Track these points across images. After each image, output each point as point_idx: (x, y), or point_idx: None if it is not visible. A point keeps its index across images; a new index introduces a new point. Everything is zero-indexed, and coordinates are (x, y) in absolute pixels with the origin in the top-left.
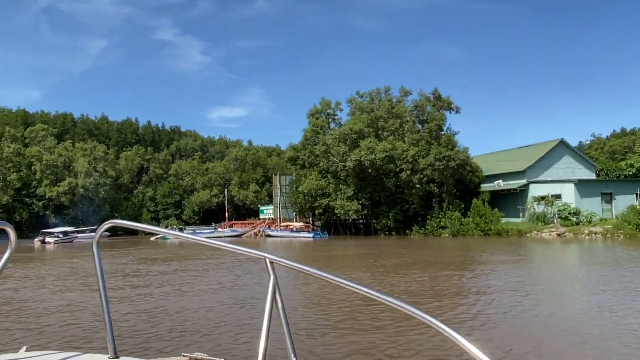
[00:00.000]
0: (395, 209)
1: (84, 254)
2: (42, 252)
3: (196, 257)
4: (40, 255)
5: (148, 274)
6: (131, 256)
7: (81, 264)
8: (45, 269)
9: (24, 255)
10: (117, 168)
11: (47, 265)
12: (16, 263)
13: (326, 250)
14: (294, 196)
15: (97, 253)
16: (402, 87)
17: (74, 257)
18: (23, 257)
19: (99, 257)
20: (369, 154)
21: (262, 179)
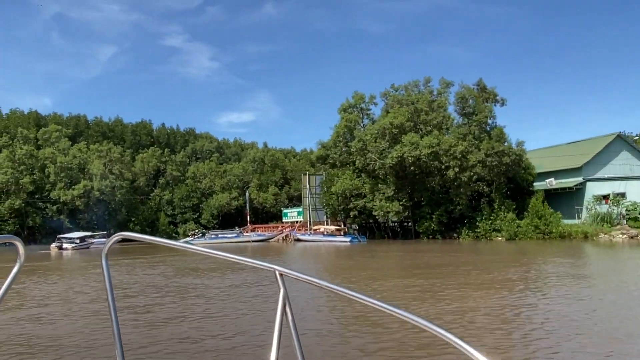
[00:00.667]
0: (439, 210)
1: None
2: (60, 259)
3: (233, 265)
4: (60, 264)
5: (207, 290)
6: (164, 264)
7: (115, 275)
8: (69, 283)
9: (41, 265)
10: (133, 171)
11: (70, 278)
12: (34, 275)
13: (371, 258)
14: (326, 197)
15: (106, 266)
16: (443, 79)
17: (97, 267)
18: (40, 268)
19: (107, 270)
20: (412, 150)
21: (281, 181)
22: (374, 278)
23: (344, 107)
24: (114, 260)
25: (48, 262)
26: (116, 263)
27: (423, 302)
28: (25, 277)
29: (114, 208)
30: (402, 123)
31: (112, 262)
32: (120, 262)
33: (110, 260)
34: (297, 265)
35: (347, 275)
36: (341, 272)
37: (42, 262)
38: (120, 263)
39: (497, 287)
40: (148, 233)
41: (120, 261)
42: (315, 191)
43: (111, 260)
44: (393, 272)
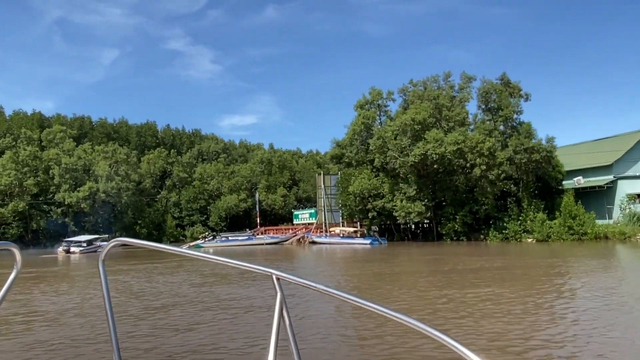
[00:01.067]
0: (463, 210)
1: (120, 266)
2: (68, 264)
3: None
4: (69, 270)
5: (253, 303)
6: (185, 270)
7: (134, 284)
8: (83, 293)
9: (49, 271)
10: (139, 172)
11: (83, 287)
12: (43, 284)
13: (396, 262)
14: (342, 198)
15: (103, 272)
16: (464, 73)
17: (111, 273)
18: (48, 274)
19: (105, 276)
20: (436, 147)
21: (290, 182)
22: (414, 288)
23: (360, 104)
24: (128, 266)
25: (56, 267)
26: (131, 269)
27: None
28: (32, 284)
29: (119, 210)
30: (425, 119)
31: (127, 268)
32: (136, 267)
33: (124, 265)
34: (313, 272)
35: (380, 290)
36: (366, 282)
37: (50, 268)
38: (136, 269)
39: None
40: (155, 236)
41: (135, 266)
42: (331, 192)
43: (125, 265)
44: (431, 279)
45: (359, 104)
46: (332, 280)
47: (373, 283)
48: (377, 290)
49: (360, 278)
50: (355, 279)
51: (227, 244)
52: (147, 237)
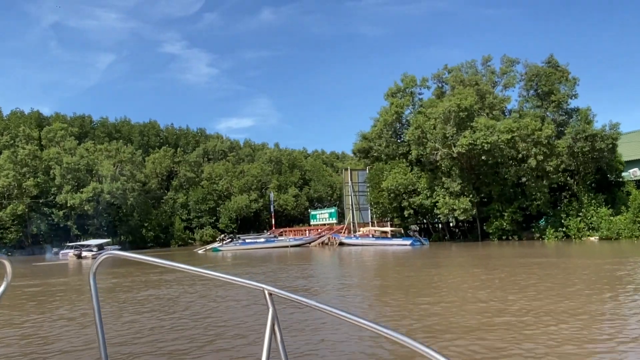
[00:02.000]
0: (512, 206)
1: (150, 273)
2: (80, 273)
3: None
4: (86, 280)
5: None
6: (202, 283)
7: (181, 299)
8: (126, 317)
9: (68, 282)
10: (144, 172)
11: (123, 305)
12: (65, 302)
13: (454, 266)
14: (373, 195)
15: (94, 285)
16: (506, 56)
17: (148, 287)
18: (69, 287)
19: (95, 289)
20: (488, 136)
21: (300, 182)
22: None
23: (392, 92)
24: (145, 275)
25: (72, 275)
26: (156, 280)
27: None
28: (53, 303)
29: (124, 213)
30: (472, 105)
31: (152, 277)
32: (160, 279)
33: (143, 276)
34: (373, 284)
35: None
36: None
37: (65, 277)
38: (165, 280)
39: None
40: (162, 240)
41: (151, 277)
42: (359, 189)
43: (144, 276)
44: (532, 301)
45: (390, 92)
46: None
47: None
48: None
49: (445, 296)
50: (445, 297)
51: (247, 246)
52: (154, 241)
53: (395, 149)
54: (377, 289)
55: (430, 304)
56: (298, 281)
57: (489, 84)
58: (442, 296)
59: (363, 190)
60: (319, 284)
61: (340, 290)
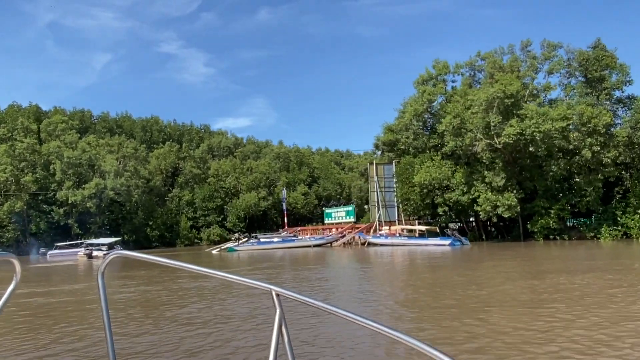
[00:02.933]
0: (559, 203)
1: (180, 278)
2: (91, 276)
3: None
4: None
5: None
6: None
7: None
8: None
9: (73, 292)
10: (148, 169)
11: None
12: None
13: (522, 275)
14: (403, 190)
15: (102, 285)
16: (546, 40)
17: (188, 294)
18: (74, 296)
19: (104, 290)
20: (540, 124)
21: (309, 179)
22: None
23: (423, 79)
24: (170, 278)
25: (81, 281)
26: (174, 282)
27: None
28: (60, 329)
29: (128, 210)
30: (518, 91)
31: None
32: (181, 281)
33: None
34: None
35: None
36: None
37: (74, 283)
38: (193, 287)
39: None
40: (167, 239)
41: (167, 281)
42: (385, 184)
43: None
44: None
45: (421, 79)
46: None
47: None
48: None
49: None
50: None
51: (265, 246)
52: (158, 240)
53: (426, 141)
54: (445, 308)
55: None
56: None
57: (530, 69)
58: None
59: (389, 186)
60: (409, 307)
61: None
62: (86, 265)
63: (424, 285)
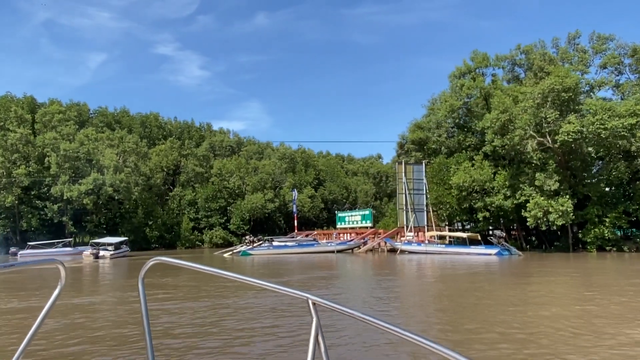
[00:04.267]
0: (616, 211)
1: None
2: (97, 282)
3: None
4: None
5: None
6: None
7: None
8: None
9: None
10: (148, 166)
11: None
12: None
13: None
14: (438, 193)
15: (143, 291)
16: (596, 33)
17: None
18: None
19: (144, 294)
20: (606, 120)
21: (315, 182)
22: None
23: (460, 72)
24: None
25: (89, 293)
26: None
27: None
28: None
29: (127, 209)
30: (577, 84)
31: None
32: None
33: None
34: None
35: None
36: None
37: (79, 293)
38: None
39: None
40: (168, 240)
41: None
42: (414, 186)
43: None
44: None
45: (458, 72)
46: None
47: None
48: None
49: None
50: None
51: (283, 251)
52: (158, 241)
53: (462, 139)
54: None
55: None
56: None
57: (581, 63)
58: None
59: (419, 189)
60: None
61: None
62: (93, 265)
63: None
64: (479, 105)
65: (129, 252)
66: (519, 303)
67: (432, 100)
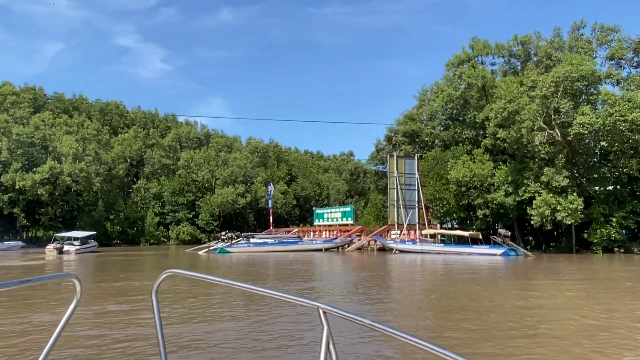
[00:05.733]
0: (624, 210)
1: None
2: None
3: None
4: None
5: None
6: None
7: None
8: None
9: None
10: (110, 155)
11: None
12: None
13: None
14: (435, 188)
15: (156, 303)
16: (599, 23)
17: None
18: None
19: (157, 308)
20: (626, 112)
21: (288, 177)
22: None
23: (459, 60)
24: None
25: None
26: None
27: None
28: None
29: (86, 201)
30: (594, 72)
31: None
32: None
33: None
34: None
35: None
36: None
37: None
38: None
39: None
40: (130, 236)
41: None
42: (405, 181)
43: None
44: None
45: (456, 59)
46: None
47: None
48: None
49: None
50: None
51: (265, 248)
52: (120, 237)
53: (459, 132)
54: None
55: None
56: None
57: (587, 54)
58: None
59: (410, 184)
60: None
61: None
62: (56, 260)
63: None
64: (474, 97)
65: (96, 247)
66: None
67: (423, 91)
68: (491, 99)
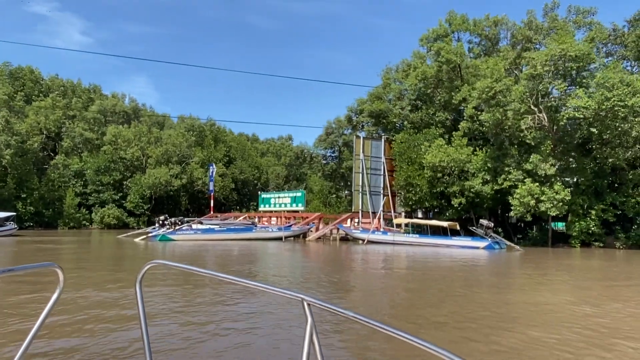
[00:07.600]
0: (603, 202)
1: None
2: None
3: None
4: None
5: None
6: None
7: None
8: None
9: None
10: (24, 124)
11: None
12: None
13: None
14: (407, 174)
15: (140, 295)
16: (574, 6)
17: None
18: None
19: (141, 298)
20: (624, 96)
21: (226, 159)
22: None
23: (436, 34)
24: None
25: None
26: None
27: None
28: None
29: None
30: (588, 53)
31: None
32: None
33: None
34: None
35: None
36: None
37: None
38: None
39: None
40: (47, 218)
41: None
42: (371, 165)
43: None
44: None
45: (432, 34)
46: None
47: None
48: None
49: None
50: None
51: (214, 236)
52: (33, 218)
53: (431, 113)
54: None
55: None
56: None
57: (569, 35)
58: None
59: (376, 168)
60: None
61: None
62: None
63: None
64: (448, 77)
65: (16, 230)
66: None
67: (387, 69)
68: (468, 79)
